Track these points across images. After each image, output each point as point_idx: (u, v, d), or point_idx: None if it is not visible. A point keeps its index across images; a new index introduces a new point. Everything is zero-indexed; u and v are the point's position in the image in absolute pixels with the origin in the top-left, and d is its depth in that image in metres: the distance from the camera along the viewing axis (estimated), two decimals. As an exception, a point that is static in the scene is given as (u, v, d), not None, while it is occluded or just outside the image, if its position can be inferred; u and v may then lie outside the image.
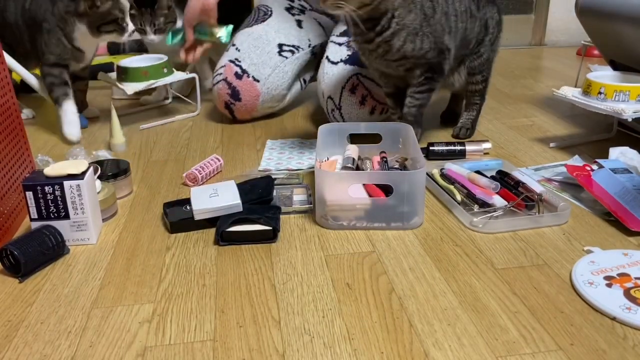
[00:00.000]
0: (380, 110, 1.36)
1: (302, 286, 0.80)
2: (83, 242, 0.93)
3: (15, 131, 1.04)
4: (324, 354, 0.67)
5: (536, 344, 0.68)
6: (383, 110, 1.36)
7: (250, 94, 1.46)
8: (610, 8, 1.26)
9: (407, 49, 1.14)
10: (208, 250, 0.90)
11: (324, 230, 0.96)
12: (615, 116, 1.16)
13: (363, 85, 1.33)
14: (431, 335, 0.70)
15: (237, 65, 1.45)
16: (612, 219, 0.96)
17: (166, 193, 1.12)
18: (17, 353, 0.69)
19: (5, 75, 1.02)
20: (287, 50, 1.49)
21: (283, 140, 1.37)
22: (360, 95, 1.33)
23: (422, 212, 0.97)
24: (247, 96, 1.46)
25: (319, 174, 0.94)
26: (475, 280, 0.81)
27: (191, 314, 0.75)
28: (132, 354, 0.68)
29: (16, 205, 1.00)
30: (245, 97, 1.46)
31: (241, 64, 1.45)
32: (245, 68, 1.45)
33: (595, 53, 2.21)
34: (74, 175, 0.89)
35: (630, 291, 0.76)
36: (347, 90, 1.33)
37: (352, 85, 1.33)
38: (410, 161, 1.10)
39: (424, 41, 1.15)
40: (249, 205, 0.97)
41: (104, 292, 0.80)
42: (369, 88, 1.33)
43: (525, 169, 1.16)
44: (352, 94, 1.33)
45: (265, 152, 1.29)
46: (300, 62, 1.52)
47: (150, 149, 1.36)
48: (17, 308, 0.77)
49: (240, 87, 1.45)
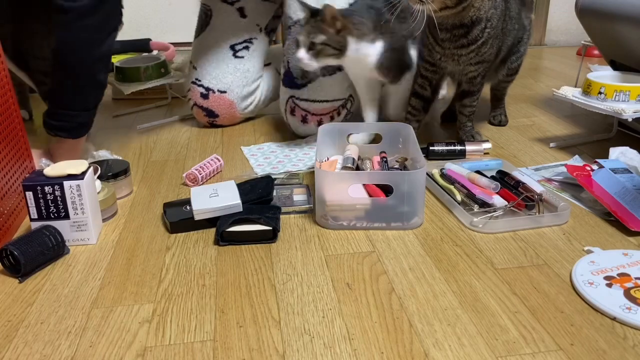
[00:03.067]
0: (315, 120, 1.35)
1: (302, 286, 0.80)
2: (83, 242, 0.93)
3: (15, 131, 1.04)
4: (324, 354, 0.67)
5: (536, 344, 0.68)
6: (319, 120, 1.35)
7: (224, 107, 1.45)
8: (610, 8, 1.26)
9: (490, 55, 1.19)
10: (208, 250, 0.90)
11: (324, 230, 0.96)
12: (615, 116, 1.16)
13: (299, 107, 1.35)
14: (431, 335, 0.70)
15: (199, 86, 1.45)
16: (612, 219, 0.96)
17: (166, 193, 1.12)
18: (17, 353, 0.69)
19: (6, 75, 1.02)
20: (240, 49, 1.46)
21: (259, 146, 1.35)
22: (301, 116, 1.35)
23: (422, 212, 0.97)
24: (222, 110, 1.45)
25: (319, 174, 0.94)
26: (475, 280, 0.81)
27: (191, 314, 0.75)
28: (132, 354, 0.68)
29: (16, 205, 1.00)
30: (221, 112, 1.46)
31: (202, 83, 1.44)
32: (207, 86, 1.44)
33: (595, 53, 2.21)
34: (74, 175, 0.89)
35: (630, 291, 0.76)
36: (288, 112, 1.36)
37: (291, 108, 1.36)
38: (410, 161, 1.10)
39: (494, 46, 1.19)
40: (248, 205, 0.97)
41: (104, 292, 0.80)
42: (306, 109, 1.34)
43: (525, 169, 1.16)
44: (292, 115, 1.36)
45: (250, 159, 1.26)
46: (258, 52, 1.49)
47: (150, 149, 1.36)
48: (17, 308, 0.77)
49: (211, 105, 1.45)
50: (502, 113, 1.47)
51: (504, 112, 1.48)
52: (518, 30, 1.29)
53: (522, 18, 1.30)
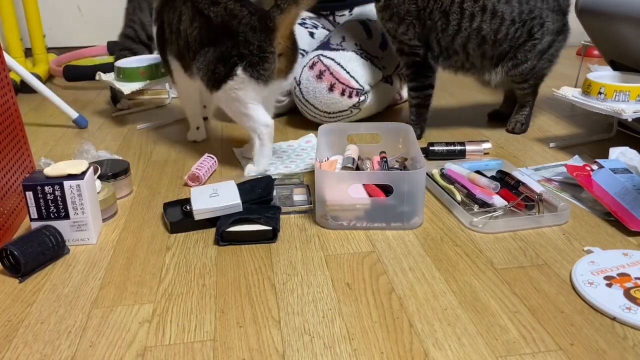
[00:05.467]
0: (345, 91, 1.36)
1: (302, 286, 0.80)
2: (83, 242, 0.93)
3: (15, 131, 1.04)
4: (324, 354, 0.67)
5: (536, 344, 0.68)
6: (351, 93, 1.36)
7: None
8: (610, 8, 1.26)
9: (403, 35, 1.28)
10: (208, 250, 0.90)
11: (324, 230, 0.96)
12: (615, 116, 1.16)
13: (322, 62, 1.37)
14: (431, 335, 0.70)
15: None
16: (612, 219, 0.96)
17: (166, 193, 1.12)
18: (17, 353, 0.69)
19: (6, 75, 1.02)
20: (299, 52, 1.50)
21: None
22: (318, 70, 1.37)
23: (422, 212, 0.97)
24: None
25: (319, 174, 0.94)
26: (475, 280, 0.81)
27: (191, 314, 0.75)
28: (132, 354, 0.68)
29: (16, 205, 1.00)
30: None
31: None
32: None
33: (595, 53, 2.21)
34: (74, 175, 0.89)
35: (630, 291, 0.76)
36: (307, 66, 1.38)
37: (312, 63, 1.38)
38: (410, 161, 1.10)
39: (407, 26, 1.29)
40: (248, 205, 0.97)
41: (104, 292, 0.80)
42: (327, 65, 1.36)
43: (525, 169, 1.16)
44: (310, 69, 1.37)
45: (242, 161, 1.25)
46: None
47: (150, 149, 1.36)
48: (17, 308, 0.77)
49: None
50: (518, 120, 1.38)
51: (523, 120, 1.38)
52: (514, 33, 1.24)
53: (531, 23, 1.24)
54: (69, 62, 2.10)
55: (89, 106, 1.72)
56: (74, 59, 2.14)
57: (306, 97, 1.39)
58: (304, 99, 1.39)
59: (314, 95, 1.37)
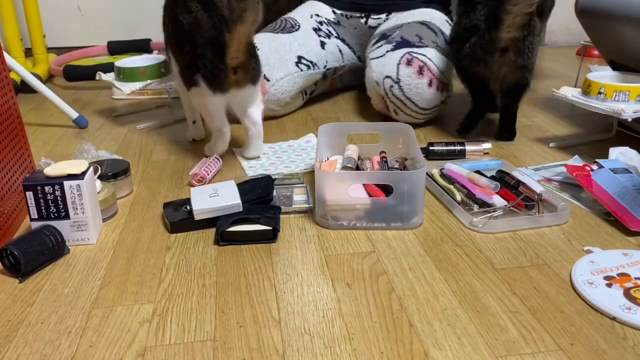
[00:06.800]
0: (439, 86, 1.35)
1: (302, 286, 0.80)
2: (83, 242, 0.93)
3: (16, 131, 1.04)
4: (324, 354, 0.67)
5: (536, 344, 0.68)
6: (442, 87, 1.36)
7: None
8: (610, 8, 1.26)
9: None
10: (208, 250, 0.90)
11: (324, 230, 0.96)
12: (615, 116, 1.16)
13: (418, 58, 1.34)
14: (431, 335, 0.70)
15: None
16: (612, 219, 0.96)
17: (166, 193, 1.12)
18: (17, 353, 0.69)
19: (6, 75, 1.02)
20: (304, 63, 1.50)
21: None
22: (418, 66, 1.33)
23: (422, 212, 0.97)
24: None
25: (319, 174, 0.94)
26: (475, 280, 0.81)
27: (191, 314, 0.75)
28: (132, 354, 0.68)
29: (16, 205, 1.00)
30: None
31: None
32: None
33: (595, 53, 2.21)
34: (74, 175, 0.89)
35: (630, 291, 0.76)
36: (403, 64, 1.34)
37: (407, 60, 1.34)
38: (410, 161, 1.10)
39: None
40: (248, 205, 0.97)
41: (104, 292, 0.80)
42: (424, 61, 1.34)
43: (525, 169, 1.16)
44: (408, 65, 1.33)
45: (242, 161, 1.25)
46: (311, 78, 1.53)
47: (150, 149, 1.36)
48: (17, 308, 0.78)
49: None
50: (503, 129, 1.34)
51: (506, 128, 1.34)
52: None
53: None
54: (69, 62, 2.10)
55: (89, 106, 1.72)
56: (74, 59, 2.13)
57: (407, 95, 1.34)
58: (405, 96, 1.34)
59: (416, 92, 1.34)
